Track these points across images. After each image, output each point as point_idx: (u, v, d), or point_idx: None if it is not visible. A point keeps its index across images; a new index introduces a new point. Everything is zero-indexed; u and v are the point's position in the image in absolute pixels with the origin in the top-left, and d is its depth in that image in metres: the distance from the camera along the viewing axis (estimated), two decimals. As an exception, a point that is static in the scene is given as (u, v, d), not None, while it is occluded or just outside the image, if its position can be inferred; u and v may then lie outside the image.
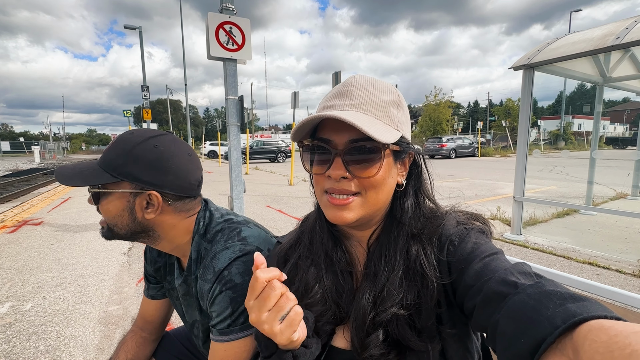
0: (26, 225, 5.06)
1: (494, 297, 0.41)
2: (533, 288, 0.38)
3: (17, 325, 2.27)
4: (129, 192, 0.72)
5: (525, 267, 0.45)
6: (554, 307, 0.34)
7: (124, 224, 0.74)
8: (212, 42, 3.56)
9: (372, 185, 0.53)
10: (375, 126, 0.50)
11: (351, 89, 0.54)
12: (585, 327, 0.30)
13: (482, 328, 0.43)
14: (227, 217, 0.83)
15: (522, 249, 3.69)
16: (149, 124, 15.41)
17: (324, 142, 0.53)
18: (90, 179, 0.71)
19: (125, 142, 0.73)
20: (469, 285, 0.46)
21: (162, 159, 0.73)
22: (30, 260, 3.53)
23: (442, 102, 30.60)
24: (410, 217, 0.56)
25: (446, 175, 11.11)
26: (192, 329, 0.88)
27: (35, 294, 2.76)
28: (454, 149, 21.01)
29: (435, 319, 0.52)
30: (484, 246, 0.51)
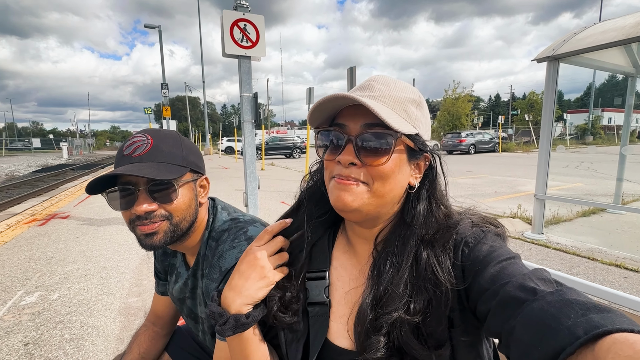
0: (54, 218, 5.33)
1: (511, 303, 0.40)
2: (553, 295, 0.37)
3: (44, 314, 2.40)
4: (192, 179, 0.75)
5: (545, 274, 0.43)
6: (576, 316, 0.32)
7: (191, 214, 0.75)
8: (226, 39, 3.60)
9: (380, 175, 0.51)
10: (391, 116, 0.50)
11: (372, 83, 0.55)
12: (608, 339, 0.29)
13: (495, 334, 0.42)
14: (234, 216, 0.84)
15: (543, 249, 3.56)
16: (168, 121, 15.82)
17: (339, 127, 0.54)
18: (175, 171, 0.70)
19: (171, 136, 0.75)
20: (484, 289, 0.45)
21: (197, 147, 0.79)
22: (58, 252, 3.71)
23: (461, 96, 29.76)
24: (421, 222, 0.55)
25: (464, 171, 10.83)
26: (197, 325, 0.90)
27: (62, 284, 2.90)
28: (473, 144, 20.42)
29: (446, 323, 0.50)
30: (501, 250, 0.49)
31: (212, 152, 26.90)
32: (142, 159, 0.68)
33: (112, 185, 0.68)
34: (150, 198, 0.68)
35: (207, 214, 0.83)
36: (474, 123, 32.84)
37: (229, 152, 25.71)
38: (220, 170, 12.62)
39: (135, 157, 0.68)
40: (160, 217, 0.70)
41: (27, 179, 14.14)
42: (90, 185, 0.67)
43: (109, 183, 0.68)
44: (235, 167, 14.17)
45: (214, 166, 14.56)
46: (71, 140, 43.36)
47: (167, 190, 0.69)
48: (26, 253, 3.72)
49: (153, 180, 0.66)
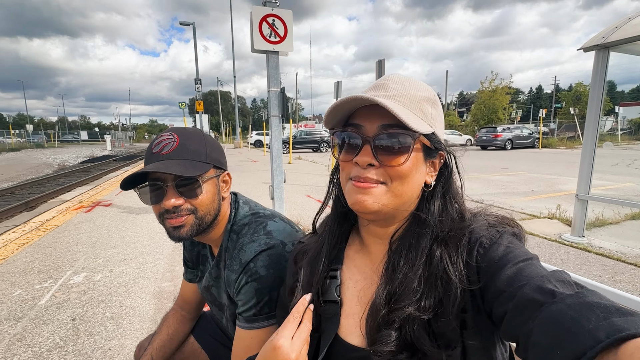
0: (99, 206, 5.77)
1: (529, 305, 0.39)
2: (573, 298, 0.36)
3: (89, 293, 2.63)
4: (215, 175, 0.80)
5: (565, 275, 0.42)
6: (597, 320, 0.31)
7: (214, 208, 0.80)
8: (255, 35, 3.66)
9: (399, 175, 0.52)
10: (409, 115, 0.50)
11: (387, 82, 0.55)
12: (632, 344, 0.28)
13: (512, 337, 0.41)
14: (255, 211, 0.87)
15: (582, 253, 3.32)
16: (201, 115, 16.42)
17: (355, 128, 0.53)
18: (200, 168, 0.74)
19: (195, 134, 0.80)
20: (500, 291, 0.44)
21: (220, 144, 0.84)
22: (101, 237, 4.03)
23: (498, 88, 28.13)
24: (436, 219, 0.54)
25: (499, 168, 10.31)
26: (220, 312, 0.95)
27: (104, 267, 3.15)
28: (510, 139, 19.30)
29: (458, 324, 0.50)
30: (518, 250, 0.48)
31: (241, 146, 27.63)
32: (169, 157, 0.73)
33: (143, 182, 0.73)
34: (177, 193, 0.73)
35: (230, 208, 0.87)
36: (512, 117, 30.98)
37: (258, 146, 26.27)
38: (249, 164, 12.96)
39: (163, 155, 0.73)
40: (186, 211, 0.74)
41: (76, 168, 15.38)
42: (123, 182, 0.72)
43: (140, 179, 0.73)
44: (264, 160, 14.47)
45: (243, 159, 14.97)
46: (114, 133, 46.51)
47: (192, 186, 0.73)
48: (74, 237, 4.07)
49: (180, 177, 0.71)
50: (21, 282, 2.85)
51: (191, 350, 1.07)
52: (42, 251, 3.60)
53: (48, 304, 2.47)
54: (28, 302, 2.50)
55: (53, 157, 23.63)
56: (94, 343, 2.01)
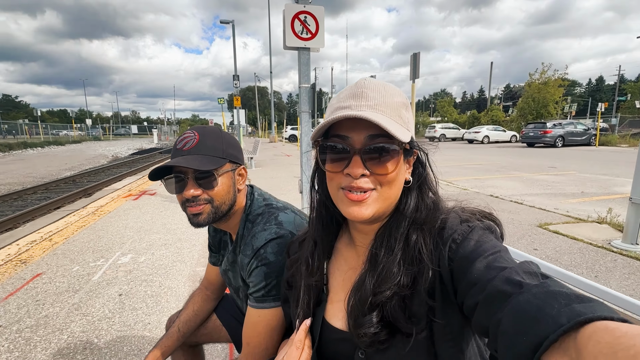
0: (145, 194, 6.28)
1: (498, 296, 0.41)
2: (538, 288, 0.38)
3: (134, 273, 2.92)
4: (231, 169, 0.88)
5: (532, 267, 0.44)
6: (559, 306, 0.34)
7: (230, 199, 0.88)
8: (287, 32, 3.74)
9: (388, 181, 0.55)
10: (394, 126, 0.53)
11: (365, 90, 0.56)
12: (590, 327, 0.30)
13: (483, 328, 0.43)
14: (268, 202, 0.95)
15: (633, 261, 3.03)
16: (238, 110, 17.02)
17: (341, 139, 0.55)
18: (216, 162, 0.83)
19: (214, 132, 0.89)
20: (472, 284, 0.46)
21: (237, 141, 0.92)
22: (146, 223, 4.40)
23: (550, 79, 25.88)
24: (412, 209, 0.59)
25: (546, 167, 9.58)
26: (237, 294, 1.04)
27: (147, 250, 3.46)
28: (561, 135, 17.73)
29: (427, 309, 0.53)
30: (488, 244, 0.50)
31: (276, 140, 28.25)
32: (190, 152, 0.81)
33: (168, 174, 0.83)
34: (196, 185, 0.81)
35: (246, 199, 0.95)
36: (565, 111, 28.42)
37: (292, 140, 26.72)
38: (282, 158, 13.26)
39: (185, 151, 0.82)
40: (204, 201, 0.83)
41: (127, 159, 16.78)
42: (151, 174, 0.82)
43: (166, 172, 0.83)
44: (297, 155, 14.71)
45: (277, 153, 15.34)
46: (160, 127, 49.93)
47: (209, 179, 0.82)
48: (123, 222, 4.50)
49: (198, 170, 0.79)
50: (79, 259, 3.23)
51: (213, 326, 1.18)
52: (97, 233, 4.02)
53: (100, 280, 2.78)
54: (84, 277, 2.83)
55: (108, 149, 25.95)
56: (136, 317, 2.24)
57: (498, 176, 8.13)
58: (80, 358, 1.84)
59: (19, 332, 2.07)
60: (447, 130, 27.87)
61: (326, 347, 0.63)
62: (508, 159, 12.33)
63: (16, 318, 2.22)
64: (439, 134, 27.22)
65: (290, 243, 0.77)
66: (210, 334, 1.19)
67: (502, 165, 10.36)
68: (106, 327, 2.12)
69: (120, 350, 1.91)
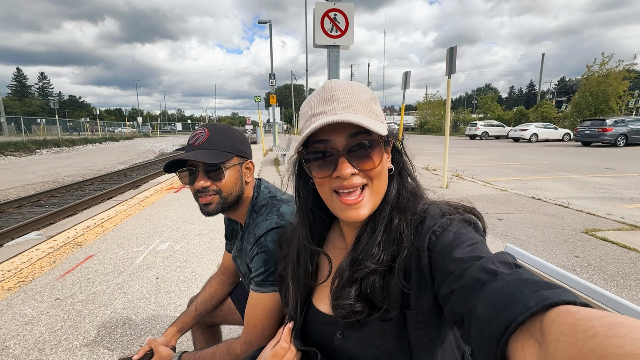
0: (184, 187, 6.71)
1: (474, 284, 0.42)
2: (511, 276, 0.40)
3: (170, 259, 3.16)
4: (238, 163, 0.96)
5: (507, 257, 0.45)
6: (529, 292, 0.36)
7: (237, 190, 0.95)
8: (317, 30, 3.79)
9: (376, 174, 0.58)
10: (371, 122, 0.55)
11: (335, 93, 0.57)
12: (554, 311, 0.32)
13: (457, 315, 0.44)
14: (273, 195, 1.00)
15: (697, 275, 2.68)
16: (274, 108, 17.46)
17: (323, 144, 0.57)
18: (223, 156, 0.90)
19: (223, 128, 0.96)
20: (449, 272, 0.48)
21: (245, 137, 0.98)
22: (184, 214, 4.72)
23: (612, 72, 23.28)
24: (394, 195, 0.61)
25: (602, 169, 8.71)
26: (245, 279, 1.11)
27: (183, 239, 3.72)
28: (623, 134, 15.91)
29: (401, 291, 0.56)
30: (466, 235, 0.51)
31: (311, 137, 28.42)
32: (200, 147, 0.89)
33: (182, 167, 0.92)
34: (206, 177, 0.89)
35: (253, 191, 1.01)
36: (631, 107, 25.48)
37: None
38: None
39: (196, 146, 0.90)
40: (212, 192, 0.91)
41: (171, 155, 17.97)
42: (166, 166, 0.91)
43: (180, 165, 0.91)
44: (329, 152, 14.74)
45: (311, 150, 15.43)
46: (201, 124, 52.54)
47: (217, 171, 0.89)
48: (164, 212, 4.86)
49: (207, 163, 0.87)
50: (124, 244, 3.57)
51: (228, 309, 1.27)
52: (141, 222, 4.40)
53: (140, 264, 3.05)
54: (127, 261, 3.13)
55: (155, 145, 27.97)
56: (170, 299, 2.44)
57: (544, 177, 7.55)
58: (120, 332, 2.06)
59: (72, 305, 2.35)
60: (489, 128, 26.23)
61: (310, 330, 0.67)
62: (558, 158, 11.37)
63: (70, 293, 2.52)
64: (480, 131, 25.68)
65: (281, 236, 0.81)
66: (225, 316, 1.28)
67: (550, 165, 9.59)
68: (143, 306, 2.34)
69: (154, 328, 2.10)
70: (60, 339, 1.97)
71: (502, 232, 3.75)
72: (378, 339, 0.57)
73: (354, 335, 0.60)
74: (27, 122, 28.55)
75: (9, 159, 16.66)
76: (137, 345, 1.94)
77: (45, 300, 2.42)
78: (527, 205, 4.90)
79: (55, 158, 17.07)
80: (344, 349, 0.61)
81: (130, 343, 1.96)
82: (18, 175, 11.02)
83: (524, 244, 3.41)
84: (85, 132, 35.43)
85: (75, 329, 2.07)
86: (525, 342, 0.32)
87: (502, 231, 3.78)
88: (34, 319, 2.18)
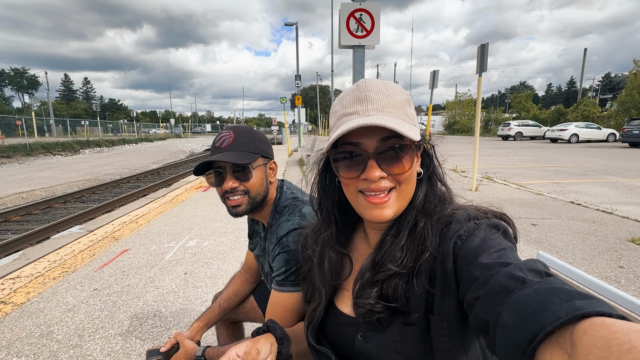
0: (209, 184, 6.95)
1: (500, 291, 0.41)
2: (541, 284, 0.38)
3: (198, 255, 3.29)
4: (263, 163, 0.98)
5: (538, 265, 0.43)
6: (560, 302, 0.34)
7: (263, 190, 0.98)
8: (342, 31, 3.79)
9: (405, 179, 0.57)
10: (404, 126, 0.54)
11: (369, 93, 0.56)
12: (587, 322, 0.30)
13: (482, 323, 0.42)
14: (295, 196, 1.01)
15: None
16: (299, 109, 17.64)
17: (354, 146, 0.56)
18: (249, 157, 0.93)
19: (247, 130, 0.99)
20: (474, 278, 0.46)
21: (267, 138, 1.00)
22: (211, 212, 4.89)
23: (665, 66, 21.33)
24: (421, 199, 0.60)
25: (651, 172, 7.99)
26: (267, 278, 1.13)
27: (210, 236, 3.85)
28: (678, 134, 14.54)
29: (425, 297, 0.54)
30: (493, 241, 0.49)
31: (335, 138, 28.39)
32: (227, 149, 0.92)
33: (209, 169, 0.95)
34: (234, 177, 0.91)
35: (276, 192, 1.03)
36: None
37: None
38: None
39: (222, 148, 0.92)
40: (241, 192, 0.93)
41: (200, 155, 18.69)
42: (196, 169, 0.95)
43: (207, 167, 0.95)
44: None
45: (335, 151, 15.42)
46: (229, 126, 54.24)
47: (244, 171, 0.91)
48: (193, 210, 5.06)
49: (234, 164, 0.89)
50: (156, 240, 3.75)
51: (250, 307, 1.30)
52: (171, 219, 4.61)
53: (170, 259, 3.19)
54: (158, 256, 3.28)
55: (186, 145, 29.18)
56: (197, 294, 2.53)
57: (585, 180, 7.05)
58: (151, 323, 2.16)
59: (108, 295, 2.51)
60: (524, 128, 24.85)
61: (330, 330, 0.67)
62: (601, 161, 10.58)
63: (107, 284, 2.69)
64: (514, 132, 24.41)
65: (305, 237, 0.80)
66: (247, 313, 1.31)
67: (592, 168, 8.94)
68: (172, 300, 2.44)
69: (182, 321, 2.19)
70: (98, 327, 2.11)
71: (536, 238, 3.55)
72: (400, 344, 0.56)
73: (376, 338, 0.59)
74: (73, 123, 30.84)
75: (57, 157, 18.09)
76: (165, 337, 2.03)
77: (85, 290, 2.60)
78: (565, 211, 4.60)
79: (96, 157, 18.31)
80: (365, 351, 0.61)
81: (159, 334, 2.05)
82: (64, 173, 11.93)
83: (561, 252, 3.20)
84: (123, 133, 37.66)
85: (111, 318, 2.20)
86: (554, 354, 0.31)
87: (536, 237, 3.57)
88: (75, 307, 2.35)
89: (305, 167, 10.32)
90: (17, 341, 1.98)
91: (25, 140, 19.05)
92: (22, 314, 2.27)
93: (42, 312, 2.28)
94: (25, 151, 17.46)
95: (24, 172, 12.26)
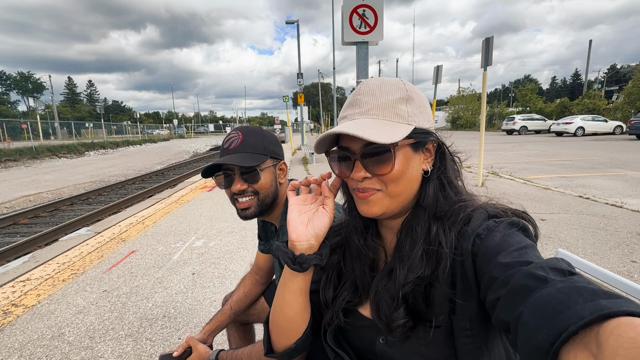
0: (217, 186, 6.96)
1: (521, 291, 0.40)
2: (564, 283, 0.37)
3: (205, 255, 3.29)
4: (272, 164, 0.97)
5: (560, 263, 0.41)
6: (584, 301, 0.33)
7: (273, 192, 0.97)
8: (345, 28, 3.75)
9: (391, 179, 0.57)
10: (380, 129, 0.54)
11: (359, 97, 0.59)
12: (613, 322, 0.29)
13: (504, 323, 0.42)
14: None
15: None
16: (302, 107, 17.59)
17: (344, 150, 0.60)
18: (258, 159, 0.92)
19: (255, 131, 0.98)
20: (494, 278, 0.45)
21: (277, 138, 0.99)
22: (217, 212, 4.89)
23: (674, 56, 20.91)
24: (430, 201, 0.58)
25: (660, 164, 7.88)
26: None
27: (217, 236, 3.86)
28: (687, 125, 14.30)
29: (448, 300, 0.53)
30: (513, 239, 0.48)
31: (338, 135, 28.35)
32: (235, 151, 0.91)
33: (218, 171, 0.94)
34: (242, 180, 0.90)
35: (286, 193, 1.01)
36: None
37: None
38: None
39: (231, 150, 0.91)
40: (250, 194, 0.92)
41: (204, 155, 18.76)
42: (203, 172, 0.94)
43: (216, 169, 0.93)
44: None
45: (338, 149, 15.39)
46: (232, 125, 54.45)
47: (253, 173, 0.90)
48: (198, 210, 5.07)
49: (243, 167, 0.88)
50: (163, 240, 3.76)
51: (261, 308, 1.29)
52: (177, 219, 4.62)
53: (178, 260, 3.20)
54: (166, 256, 3.30)
55: (190, 145, 29.29)
56: (205, 294, 2.54)
57: (593, 174, 6.96)
58: (160, 323, 2.17)
59: (117, 297, 2.52)
60: (529, 122, 24.59)
61: (350, 333, 0.66)
62: (609, 154, 10.44)
63: (116, 285, 2.70)
64: (518, 126, 24.16)
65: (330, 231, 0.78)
66: (258, 315, 1.30)
67: (599, 161, 8.83)
68: (181, 300, 2.45)
69: (191, 321, 2.19)
70: (108, 329, 2.12)
71: (545, 233, 3.51)
72: (425, 347, 0.55)
73: (398, 344, 0.58)
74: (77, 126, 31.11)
75: (62, 160, 18.25)
76: (175, 338, 2.04)
77: (95, 291, 2.61)
78: (574, 205, 4.55)
79: (101, 159, 18.44)
80: (387, 355, 0.60)
81: (169, 335, 2.06)
82: (70, 175, 12.03)
83: (571, 247, 3.16)
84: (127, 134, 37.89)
85: (121, 320, 2.21)
86: (579, 355, 0.30)
87: (545, 233, 3.53)
88: (85, 308, 2.37)
89: (309, 165, 10.29)
90: (29, 343, 2.00)
91: (31, 144, 19.26)
92: (33, 316, 2.29)
93: (53, 314, 2.30)
94: (32, 154, 17.66)
95: (30, 175, 12.39)
